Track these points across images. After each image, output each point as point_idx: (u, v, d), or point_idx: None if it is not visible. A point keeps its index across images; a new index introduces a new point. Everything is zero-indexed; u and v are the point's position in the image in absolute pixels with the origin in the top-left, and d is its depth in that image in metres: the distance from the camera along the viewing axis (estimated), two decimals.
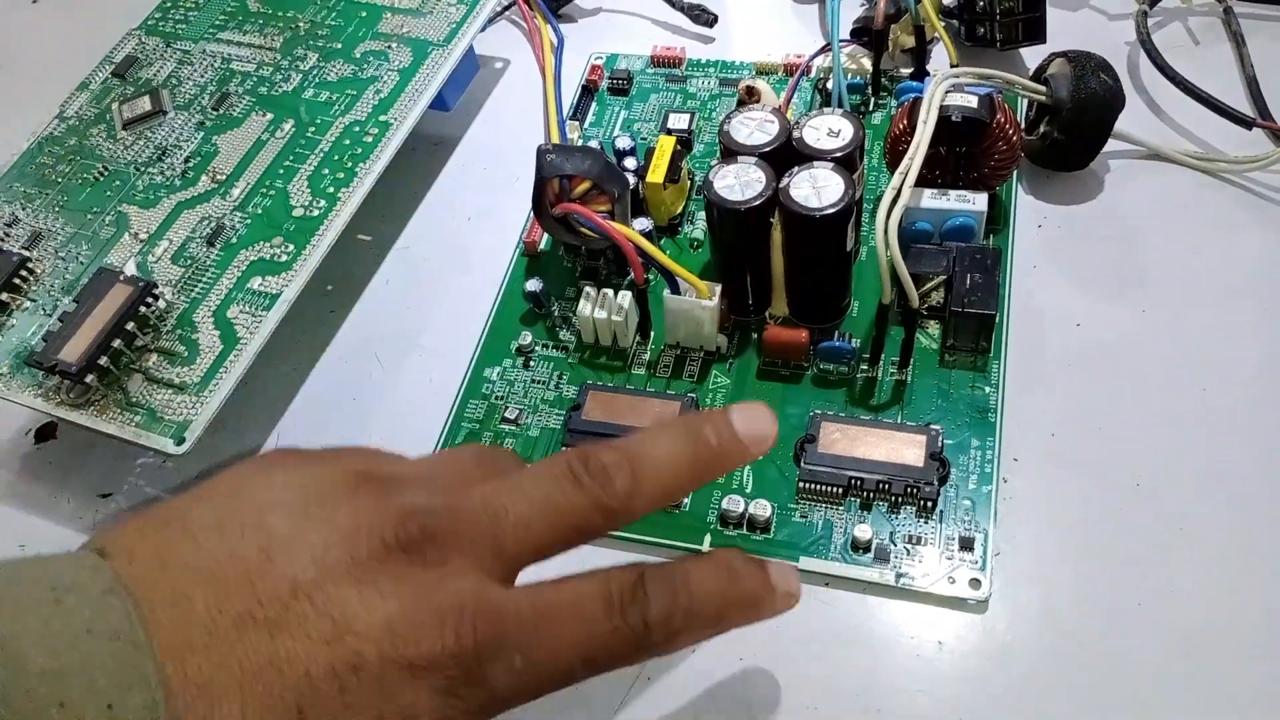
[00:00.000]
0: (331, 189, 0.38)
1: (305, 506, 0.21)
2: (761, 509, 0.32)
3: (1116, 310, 0.36)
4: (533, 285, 0.37)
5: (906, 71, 0.42)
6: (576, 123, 0.43)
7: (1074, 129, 0.37)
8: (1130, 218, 0.38)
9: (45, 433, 0.38)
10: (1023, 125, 0.39)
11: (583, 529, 0.22)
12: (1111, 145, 0.38)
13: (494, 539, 0.21)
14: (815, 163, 0.33)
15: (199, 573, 0.20)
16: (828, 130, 0.34)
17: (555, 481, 0.22)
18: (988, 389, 0.34)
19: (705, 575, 0.23)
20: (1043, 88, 0.38)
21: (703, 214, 0.39)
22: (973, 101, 0.34)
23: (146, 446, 0.33)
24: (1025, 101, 0.40)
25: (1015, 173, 0.38)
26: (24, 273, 0.37)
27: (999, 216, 0.38)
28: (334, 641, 0.19)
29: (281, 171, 0.39)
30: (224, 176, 0.39)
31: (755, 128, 0.34)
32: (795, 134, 0.34)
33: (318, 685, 0.19)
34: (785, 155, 0.33)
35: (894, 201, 0.32)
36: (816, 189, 0.32)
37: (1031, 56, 0.42)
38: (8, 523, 0.36)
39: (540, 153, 0.35)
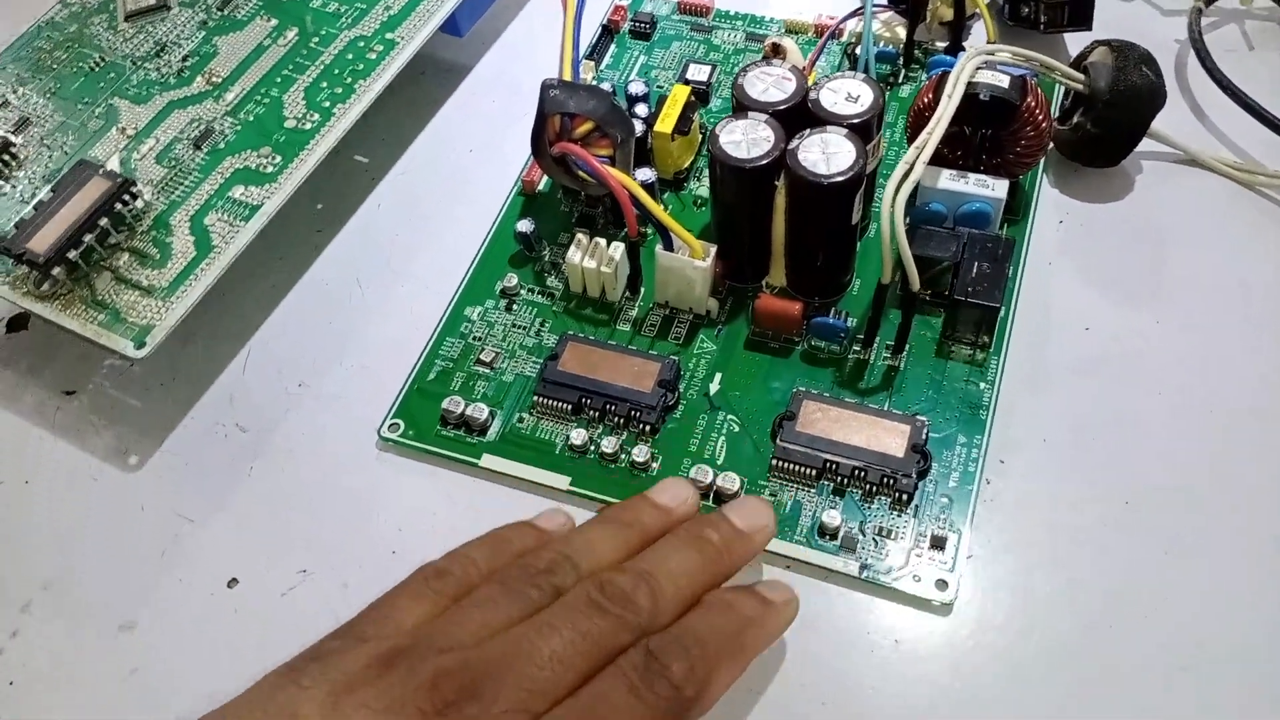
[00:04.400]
0: (327, 103, 0.36)
1: (335, 699, 0.21)
2: (729, 482, 0.30)
3: (1129, 317, 0.34)
4: (524, 226, 0.36)
5: (942, 45, 0.40)
6: (592, 63, 0.41)
7: (1109, 122, 0.35)
8: (1157, 223, 0.36)
9: (17, 323, 0.37)
10: (1056, 114, 0.37)
11: (614, 650, 0.23)
12: (1146, 145, 0.36)
13: (530, 678, 0.22)
14: (829, 127, 0.31)
15: None
16: (846, 94, 0.32)
17: (580, 613, 0.23)
18: (983, 385, 0.32)
19: (703, 618, 0.24)
20: (1081, 75, 0.36)
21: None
22: (1004, 81, 0.33)
23: (106, 347, 0.32)
24: (1061, 89, 0.38)
25: (1041, 163, 0.36)
26: (6, 157, 0.36)
27: (1018, 207, 0.36)
28: None
29: (279, 80, 0.37)
30: (219, 79, 0.38)
31: (771, 84, 0.33)
32: (812, 95, 0.32)
33: None
34: (799, 116, 0.32)
35: (905, 176, 0.30)
36: (826, 155, 0.30)
37: (1075, 43, 0.40)
38: None
39: (544, 87, 0.33)
